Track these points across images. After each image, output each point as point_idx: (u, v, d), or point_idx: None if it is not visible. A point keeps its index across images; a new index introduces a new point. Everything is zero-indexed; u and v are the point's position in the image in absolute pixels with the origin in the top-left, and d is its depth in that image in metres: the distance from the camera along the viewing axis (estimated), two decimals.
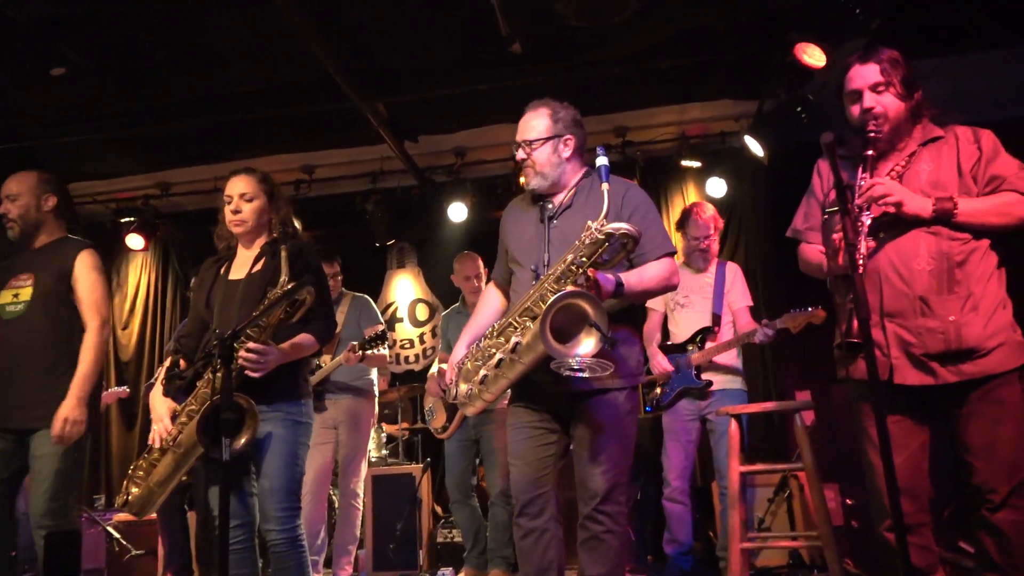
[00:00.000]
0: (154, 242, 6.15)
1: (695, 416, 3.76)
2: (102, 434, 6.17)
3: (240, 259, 2.62)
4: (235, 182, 2.60)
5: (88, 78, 4.24)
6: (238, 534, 2.39)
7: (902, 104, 2.10)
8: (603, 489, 2.26)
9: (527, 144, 2.40)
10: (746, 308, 3.84)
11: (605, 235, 2.07)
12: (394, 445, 5.17)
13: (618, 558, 2.29)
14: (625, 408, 2.33)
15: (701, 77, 4.68)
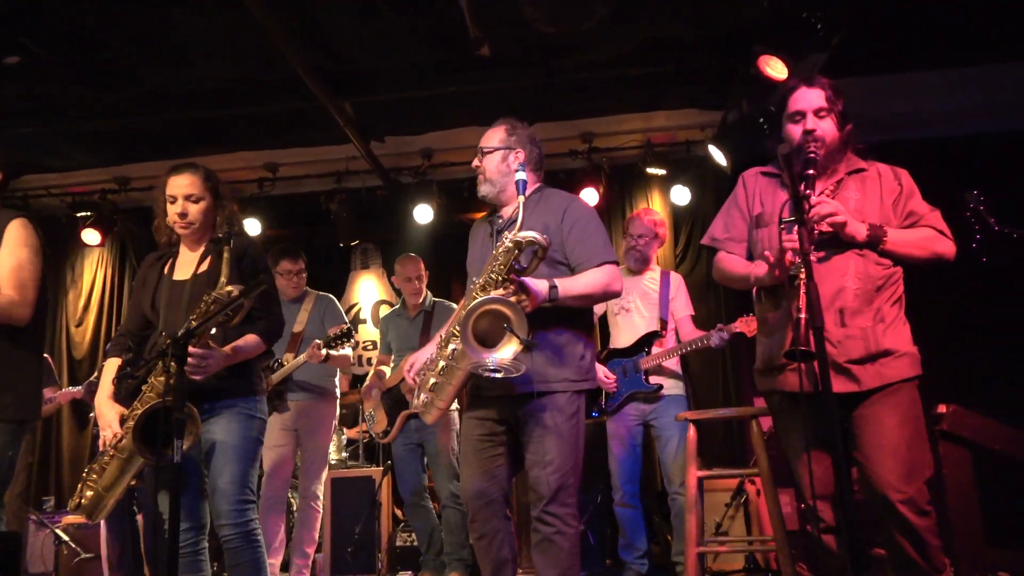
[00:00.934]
0: (111, 237, 6.02)
1: (640, 420, 3.80)
2: (53, 435, 6.01)
3: (184, 258, 2.56)
4: (178, 181, 2.49)
5: (47, 69, 4.14)
6: (187, 537, 2.35)
7: (838, 132, 2.21)
8: (549, 490, 2.33)
9: (481, 152, 2.54)
10: (689, 317, 3.93)
11: (513, 243, 2.18)
12: (354, 448, 5.12)
13: (571, 559, 2.34)
14: (568, 410, 2.38)
15: (668, 85, 4.74)
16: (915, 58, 4.42)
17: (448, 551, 3.95)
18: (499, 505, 2.43)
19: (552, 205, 2.46)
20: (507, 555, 2.44)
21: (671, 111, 5.20)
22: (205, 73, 4.38)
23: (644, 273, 3.99)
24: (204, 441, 2.33)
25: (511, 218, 2.41)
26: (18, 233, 2.53)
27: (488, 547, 2.43)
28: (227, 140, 5.16)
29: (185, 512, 2.34)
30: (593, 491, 4.20)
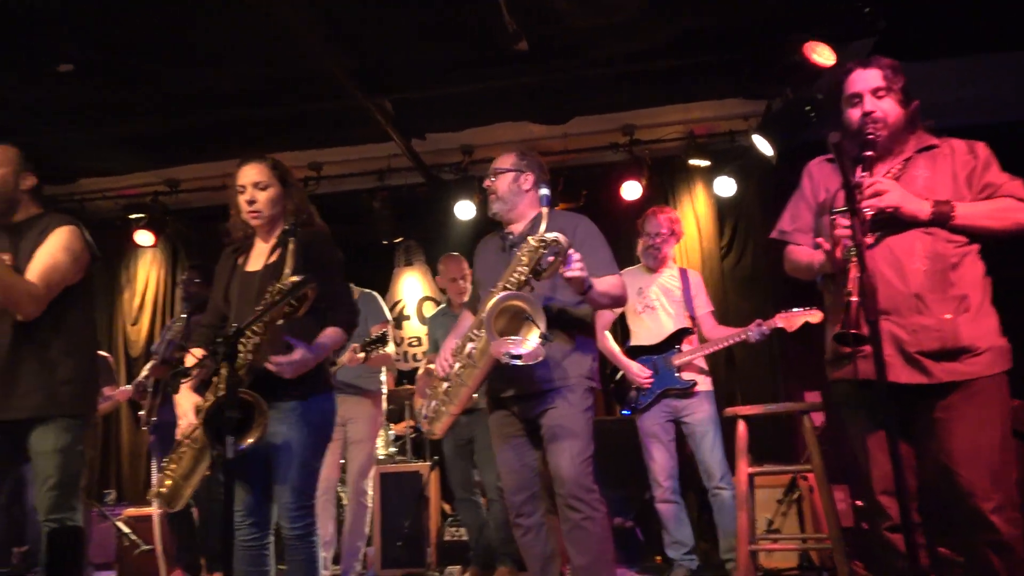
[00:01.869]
0: (163, 238, 6.18)
1: (671, 416, 3.78)
2: (112, 431, 6.21)
3: (258, 250, 2.58)
4: (247, 171, 2.54)
5: (94, 75, 4.25)
6: (252, 532, 2.39)
7: (901, 110, 2.13)
8: (572, 476, 2.44)
9: (493, 173, 2.75)
10: (710, 313, 3.94)
11: (539, 242, 2.36)
12: (401, 443, 5.17)
13: (603, 543, 2.43)
14: (584, 403, 2.55)
15: (709, 76, 4.66)
16: (968, 42, 4.27)
17: (497, 546, 3.97)
18: (539, 499, 2.57)
19: (561, 223, 2.57)
20: (554, 548, 2.54)
21: (713, 101, 5.11)
22: (248, 75, 4.45)
23: (662, 271, 3.98)
24: (270, 437, 2.33)
25: (523, 233, 2.64)
26: (63, 237, 2.60)
27: (534, 541, 2.53)
28: (272, 141, 5.24)
29: (251, 507, 2.38)
30: (640, 488, 4.17)
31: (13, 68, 4.18)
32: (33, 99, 4.54)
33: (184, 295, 4.40)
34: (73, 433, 2.56)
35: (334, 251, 2.58)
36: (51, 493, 2.49)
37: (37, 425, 2.52)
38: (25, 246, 2.62)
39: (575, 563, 2.45)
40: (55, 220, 2.69)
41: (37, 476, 2.53)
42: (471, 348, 2.46)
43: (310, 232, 2.51)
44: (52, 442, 2.51)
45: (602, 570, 2.43)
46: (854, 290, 1.87)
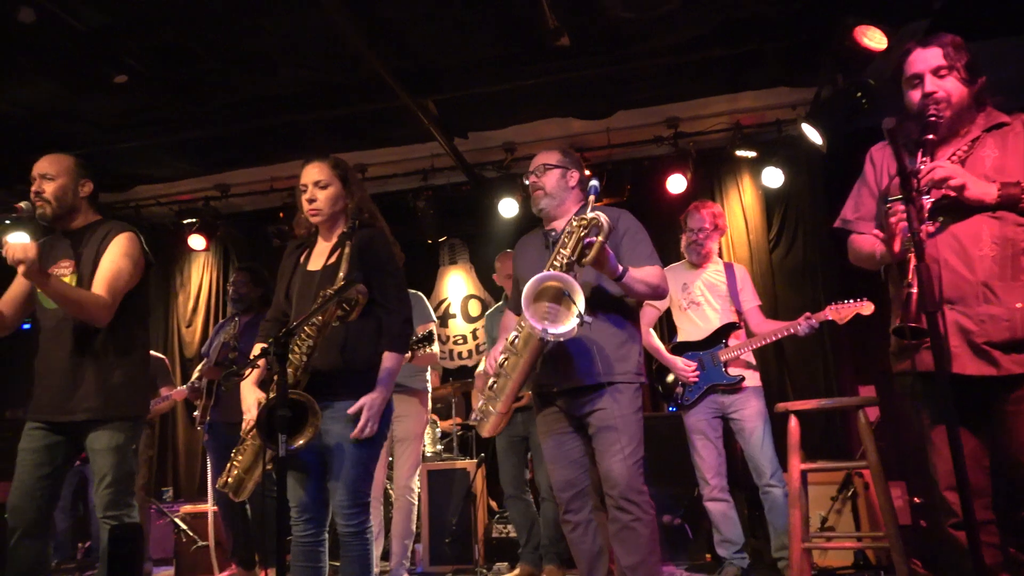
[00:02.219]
0: (214, 242, 6.34)
1: (718, 413, 3.72)
2: (169, 431, 6.40)
3: (319, 248, 2.61)
4: (309, 170, 2.57)
5: (145, 84, 4.37)
6: (308, 528, 2.43)
7: (965, 89, 2.03)
8: (624, 477, 2.43)
9: (540, 168, 2.73)
10: (757, 307, 3.86)
11: (579, 222, 2.37)
12: (448, 440, 5.20)
13: (651, 545, 2.42)
14: (636, 403, 2.54)
15: (754, 65, 4.56)
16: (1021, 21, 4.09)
17: (546, 543, 3.96)
18: (588, 495, 2.56)
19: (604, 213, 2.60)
20: (601, 544, 2.54)
21: (759, 91, 5.01)
22: (292, 79, 4.52)
23: (706, 266, 3.91)
24: (325, 437, 2.37)
25: (565, 229, 2.57)
26: (124, 244, 2.70)
27: (582, 538, 2.53)
28: (317, 144, 5.32)
29: (307, 504, 2.42)
30: (689, 485, 4.11)
31: (71, 80, 4.33)
32: (90, 110, 4.70)
33: (234, 296, 4.50)
34: (127, 433, 2.66)
35: (391, 252, 2.57)
36: (107, 491, 2.58)
37: (94, 426, 2.62)
38: (86, 253, 2.72)
39: (622, 563, 2.44)
40: (114, 227, 2.78)
41: (95, 475, 2.63)
42: (514, 336, 2.45)
43: (369, 233, 2.52)
44: (107, 441, 2.60)
45: (648, 571, 2.42)
46: (914, 281, 1.80)
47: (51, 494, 2.62)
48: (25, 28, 3.70)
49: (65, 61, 4.12)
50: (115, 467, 2.61)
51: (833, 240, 5.26)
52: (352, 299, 2.24)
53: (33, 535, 2.56)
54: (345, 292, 2.19)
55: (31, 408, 2.66)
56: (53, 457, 2.62)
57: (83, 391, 2.60)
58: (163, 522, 5.19)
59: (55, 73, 4.26)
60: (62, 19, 3.68)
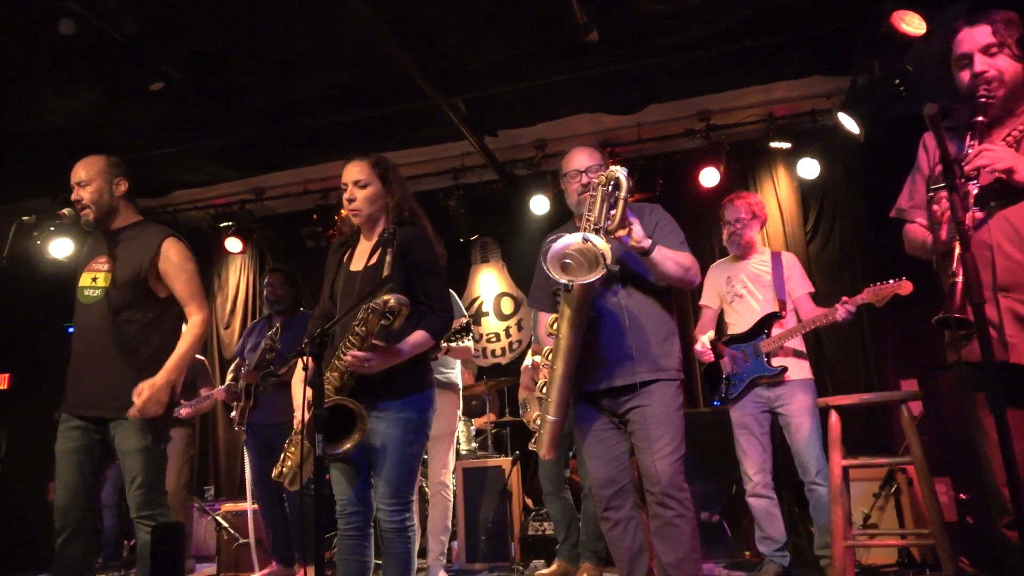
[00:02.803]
0: (251, 244, 6.43)
1: (764, 407, 3.62)
2: (210, 430, 6.52)
3: (361, 247, 2.62)
4: (349, 169, 2.58)
5: (180, 91, 4.45)
6: (354, 522, 2.46)
7: (1018, 66, 1.95)
8: (667, 474, 2.41)
9: (593, 169, 2.65)
10: (807, 295, 3.72)
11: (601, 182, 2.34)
12: (483, 438, 5.22)
13: (692, 542, 2.40)
14: (678, 400, 2.52)
15: (787, 54, 4.48)
16: None
17: (584, 540, 3.95)
18: (628, 492, 2.54)
19: (635, 211, 2.56)
20: (641, 542, 2.52)
21: (793, 81, 4.93)
22: (323, 82, 4.57)
23: (751, 257, 3.83)
24: (369, 435, 2.39)
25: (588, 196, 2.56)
26: (177, 250, 2.79)
27: (622, 535, 2.52)
28: (347, 145, 5.37)
29: (353, 500, 2.46)
30: (727, 481, 4.07)
31: (110, 89, 4.43)
32: (128, 118, 4.81)
33: (270, 298, 4.56)
34: (154, 434, 2.67)
35: (433, 252, 2.57)
36: (139, 492, 2.62)
37: (123, 426, 2.64)
38: (124, 255, 2.76)
39: (664, 560, 2.42)
40: (154, 232, 2.82)
41: (126, 476, 2.66)
42: (555, 325, 2.42)
43: (410, 233, 2.52)
44: (135, 442, 2.63)
45: (690, 568, 2.39)
46: (958, 271, 1.74)
47: (93, 493, 2.67)
48: (66, 40, 3.80)
49: (104, 71, 4.22)
50: (145, 468, 2.63)
51: (872, 231, 5.17)
52: (395, 310, 2.25)
53: (80, 535, 2.61)
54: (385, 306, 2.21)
55: (64, 402, 2.71)
56: (91, 456, 2.67)
57: (114, 388, 2.63)
58: (205, 520, 5.29)
59: (95, 83, 4.37)
60: (101, 29, 3.77)
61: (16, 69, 4.15)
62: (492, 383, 5.27)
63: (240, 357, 4.61)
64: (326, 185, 6.00)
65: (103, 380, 2.65)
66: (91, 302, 2.73)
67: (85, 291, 2.75)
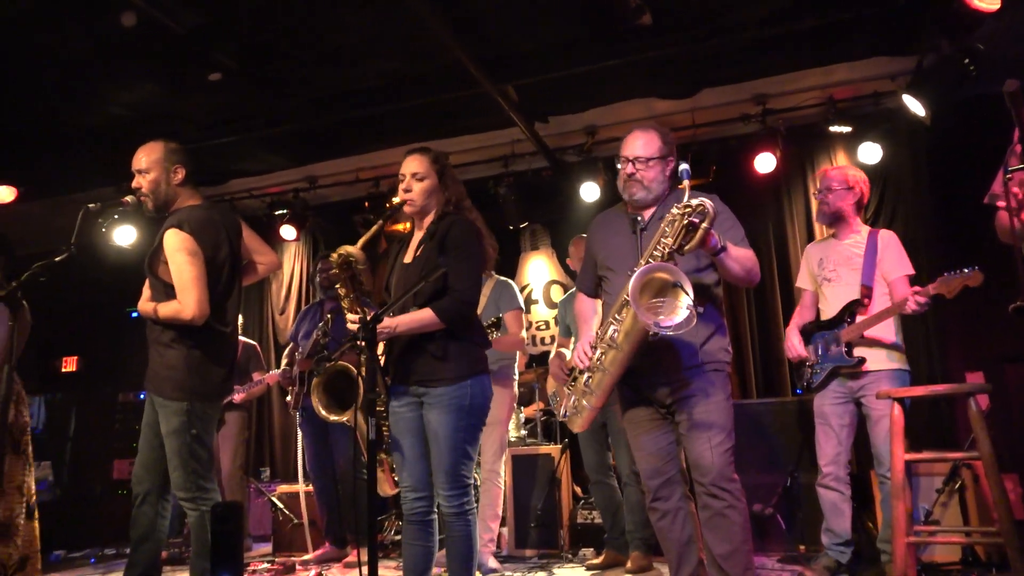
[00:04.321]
0: (304, 232, 6.55)
1: (847, 398, 3.47)
2: (265, 414, 6.68)
3: (414, 240, 2.69)
4: (408, 161, 2.65)
5: (237, 81, 4.54)
6: (418, 505, 2.51)
7: None
8: (716, 465, 2.38)
9: (641, 160, 2.59)
10: (904, 278, 3.46)
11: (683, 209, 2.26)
12: (532, 426, 5.22)
13: (744, 533, 2.37)
14: (726, 389, 2.49)
15: (848, 34, 4.33)
16: None
17: (631, 529, 3.93)
18: (677, 483, 2.52)
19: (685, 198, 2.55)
20: (690, 534, 2.49)
21: (854, 62, 4.75)
22: (375, 72, 4.61)
23: (846, 237, 3.61)
24: (425, 423, 2.45)
25: (654, 215, 2.59)
26: (170, 242, 2.71)
27: (671, 527, 2.49)
28: (398, 134, 5.41)
29: (415, 484, 2.50)
30: (782, 473, 3.98)
31: (169, 81, 4.55)
32: (187, 109, 4.93)
33: (324, 283, 4.63)
34: (182, 417, 2.68)
35: (471, 239, 2.57)
36: (175, 473, 2.70)
37: (158, 406, 2.73)
38: None
39: (715, 552, 2.38)
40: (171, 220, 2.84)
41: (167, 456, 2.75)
42: (613, 331, 2.38)
43: (451, 220, 2.58)
44: (166, 425, 2.71)
45: (741, 560, 2.36)
46: None
47: (161, 465, 2.75)
48: (128, 34, 3.90)
49: (164, 63, 4.33)
50: (177, 451, 2.67)
51: (937, 217, 4.98)
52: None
53: (151, 501, 2.75)
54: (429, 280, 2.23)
55: None
56: (158, 431, 2.77)
57: (151, 370, 2.77)
58: (261, 501, 5.43)
59: (156, 75, 4.49)
60: (161, 22, 3.86)
61: (82, 63, 4.29)
62: (541, 371, 5.27)
63: (294, 342, 4.70)
64: (377, 173, 6.06)
65: (150, 361, 2.79)
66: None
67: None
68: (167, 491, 2.78)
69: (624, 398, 2.64)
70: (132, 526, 2.75)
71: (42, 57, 4.22)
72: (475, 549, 2.47)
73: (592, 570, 3.98)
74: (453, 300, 2.48)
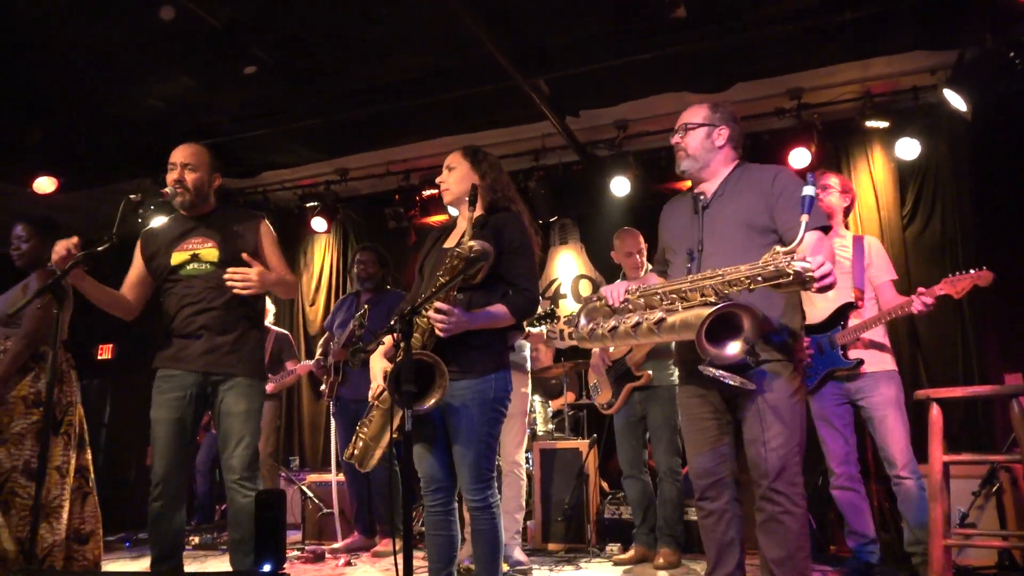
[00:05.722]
0: (335, 224, 6.60)
1: (844, 400, 3.47)
2: (295, 403, 6.77)
3: (458, 230, 2.68)
4: (449, 156, 2.70)
5: (271, 75, 4.59)
6: (438, 498, 2.51)
7: None
8: (776, 467, 2.26)
9: (683, 128, 2.54)
10: (890, 283, 3.52)
11: (793, 272, 2.01)
12: (560, 420, 5.22)
13: (799, 539, 2.24)
14: (793, 385, 2.32)
15: (887, 27, 4.24)
16: None
17: (661, 525, 3.92)
18: (727, 485, 2.40)
19: (757, 177, 2.45)
20: (734, 537, 2.38)
21: (892, 56, 4.67)
22: (406, 65, 4.62)
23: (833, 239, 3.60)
24: (448, 414, 2.45)
25: (716, 193, 2.46)
26: (271, 232, 3.07)
27: (714, 527, 2.39)
28: (429, 127, 5.43)
29: (435, 477, 2.50)
30: (813, 473, 3.94)
31: (205, 74, 4.61)
32: (222, 102, 4.99)
33: (362, 275, 4.67)
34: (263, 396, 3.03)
35: (525, 235, 2.57)
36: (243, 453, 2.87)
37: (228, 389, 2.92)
38: (224, 234, 2.96)
39: (768, 556, 2.28)
40: (251, 217, 3.08)
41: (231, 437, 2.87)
42: (661, 317, 2.24)
43: (504, 217, 2.57)
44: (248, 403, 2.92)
45: (795, 567, 2.24)
46: None
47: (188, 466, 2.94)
48: (166, 28, 3.96)
49: (200, 56, 4.38)
50: (253, 431, 2.92)
51: (978, 214, 4.87)
52: (478, 257, 2.27)
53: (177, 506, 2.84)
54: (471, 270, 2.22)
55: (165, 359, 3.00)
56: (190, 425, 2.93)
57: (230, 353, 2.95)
58: (291, 489, 5.50)
59: (191, 68, 4.55)
60: (197, 16, 3.91)
61: (121, 57, 4.37)
62: (570, 365, 5.25)
63: (329, 332, 4.75)
64: (408, 166, 6.08)
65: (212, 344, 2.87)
66: (196, 274, 2.92)
67: (186, 267, 2.93)
68: None
69: (683, 384, 2.53)
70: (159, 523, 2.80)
71: (82, 50, 4.30)
72: (501, 542, 2.47)
73: (621, 565, 3.98)
74: (524, 297, 2.48)
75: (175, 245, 2.95)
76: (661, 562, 3.84)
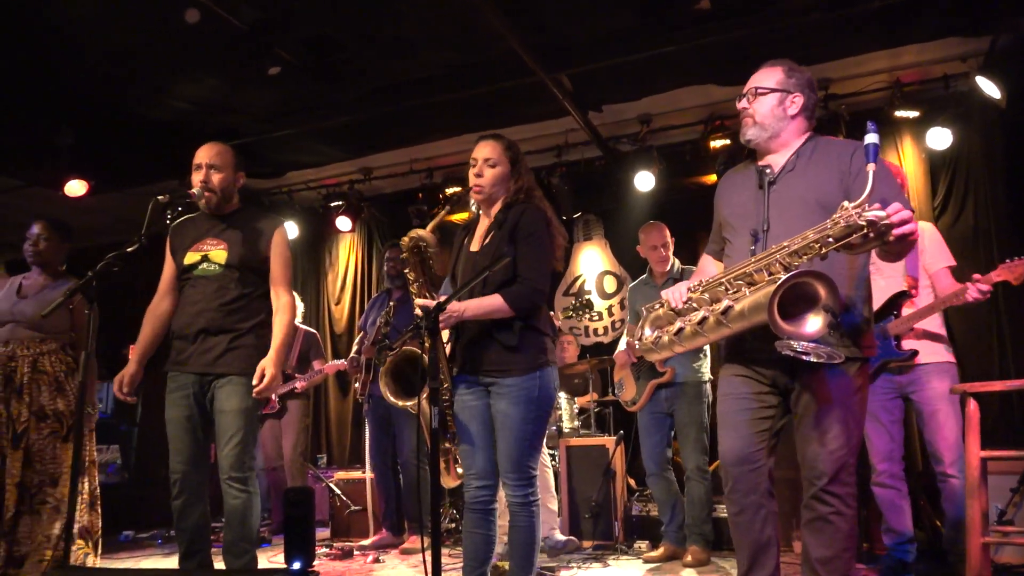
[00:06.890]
0: (359, 223, 6.63)
1: (895, 393, 3.35)
2: (322, 401, 6.82)
3: (481, 228, 2.65)
4: (481, 147, 2.59)
5: (295, 75, 4.61)
6: (482, 494, 2.51)
7: None
8: (832, 469, 2.10)
9: (752, 92, 2.29)
10: (946, 269, 3.36)
11: (867, 222, 1.82)
12: (585, 417, 5.20)
13: (847, 541, 2.13)
14: (856, 383, 2.14)
15: (918, 14, 4.15)
16: None
17: (689, 523, 3.88)
18: (763, 476, 2.20)
19: (834, 151, 2.20)
20: (770, 535, 2.20)
21: (923, 44, 4.57)
22: (429, 62, 4.62)
23: None
24: (493, 412, 2.46)
25: (785, 167, 2.23)
26: (284, 237, 3.03)
27: (749, 524, 2.20)
28: (451, 124, 5.43)
29: (480, 473, 2.50)
30: None
31: (230, 75, 4.65)
32: (247, 102, 5.03)
33: (392, 273, 4.69)
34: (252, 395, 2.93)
35: (540, 226, 2.52)
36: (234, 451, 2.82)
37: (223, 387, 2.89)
38: (238, 235, 2.95)
39: (812, 554, 2.16)
40: (268, 220, 3.06)
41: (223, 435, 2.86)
42: (728, 305, 2.06)
43: (521, 208, 2.53)
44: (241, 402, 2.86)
45: (840, 567, 2.13)
46: None
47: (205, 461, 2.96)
48: (191, 30, 4.00)
49: (225, 58, 4.42)
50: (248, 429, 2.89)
51: (1013, 204, 4.76)
52: None
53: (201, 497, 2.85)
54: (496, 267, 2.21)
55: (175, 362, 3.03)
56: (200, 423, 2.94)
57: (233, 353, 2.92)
58: (319, 487, 5.55)
59: (217, 69, 4.59)
60: (222, 17, 3.94)
61: (148, 59, 4.42)
62: (595, 362, 5.23)
63: (363, 331, 4.78)
64: (431, 164, 6.09)
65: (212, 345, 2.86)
66: (205, 275, 2.92)
67: (199, 267, 2.93)
68: None
69: (730, 362, 2.31)
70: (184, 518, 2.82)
71: (111, 54, 4.36)
72: (538, 539, 2.47)
73: (650, 563, 3.95)
74: (523, 287, 2.44)
75: (192, 245, 2.98)
76: (690, 560, 3.81)
